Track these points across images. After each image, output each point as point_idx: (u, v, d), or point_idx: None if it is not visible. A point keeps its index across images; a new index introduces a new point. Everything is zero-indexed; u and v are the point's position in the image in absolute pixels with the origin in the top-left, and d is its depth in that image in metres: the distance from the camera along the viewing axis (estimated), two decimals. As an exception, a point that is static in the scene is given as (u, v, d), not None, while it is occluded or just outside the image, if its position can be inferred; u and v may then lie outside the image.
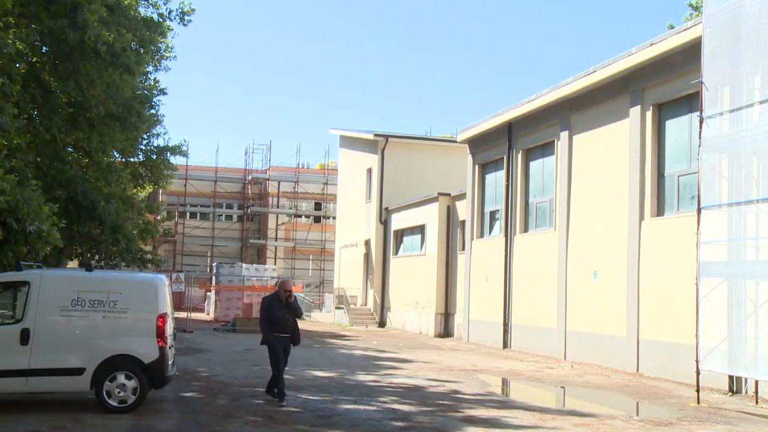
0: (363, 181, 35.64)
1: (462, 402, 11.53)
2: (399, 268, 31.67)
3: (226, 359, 17.05)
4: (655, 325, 15.83)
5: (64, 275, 10.62)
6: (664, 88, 16.23)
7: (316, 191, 52.51)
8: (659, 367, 15.51)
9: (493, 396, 12.48)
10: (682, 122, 15.86)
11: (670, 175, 16.15)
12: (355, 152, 37.61)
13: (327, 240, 50.51)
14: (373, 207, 33.92)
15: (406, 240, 31.75)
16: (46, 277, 10.09)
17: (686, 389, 13.51)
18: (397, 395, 11.98)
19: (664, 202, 16.29)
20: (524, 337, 21.25)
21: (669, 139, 16.29)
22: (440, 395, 12.14)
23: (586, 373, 16.26)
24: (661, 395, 13.02)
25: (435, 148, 34.16)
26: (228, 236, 51.55)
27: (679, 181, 15.82)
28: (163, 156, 26.32)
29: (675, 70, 15.71)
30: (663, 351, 15.42)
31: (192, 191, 50.01)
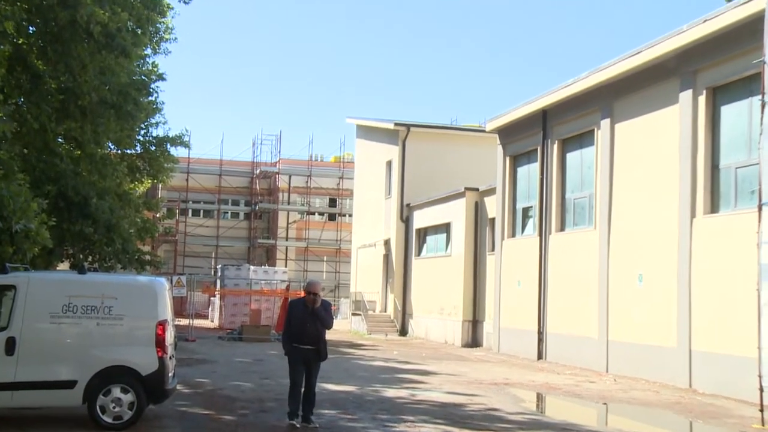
0: (382, 174, 35.53)
1: (493, 420, 11.38)
2: (422, 271, 31.53)
3: (232, 371, 17.02)
4: (710, 335, 15.55)
5: (54, 278, 10.59)
6: (719, 69, 15.92)
7: (331, 186, 52.52)
8: (715, 383, 15.23)
9: (526, 413, 12.30)
10: (740, 107, 15.55)
11: (725, 167, 15.86)
12: (373, 143, 37.51)
13: (343, 240, 50.53)
14: (393, 203, 33.80)
15: (430, 240, 31.62)
16: (34, 281, 10.06)
17: (748, 408, 13.27)
18: (421, 412, 11.83)
19: (719, 198, 16.00)
20: (561, 348, 21.04)
21: (725, 126, 15.99)
22: (468, 412, 11.99)
23: (631, 388, 16.07)
24: (718, 414, 12.76)
25: (461, 138, 33.99)
26: (234, 235, 51.72)
27: (737, 174, 15.54)
28: (162, 147, 26.36)
29: (732, 50, 15.41)
30: (719, 364, 15.14)
31: (195, 186, 50.24)
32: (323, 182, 52.20)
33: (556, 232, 21.89)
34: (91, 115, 16.44)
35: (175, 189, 47.53)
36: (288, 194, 52.08)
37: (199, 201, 51.85)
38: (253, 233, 51.66)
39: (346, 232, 49.40)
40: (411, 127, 33.64)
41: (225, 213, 53.38)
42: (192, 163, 49.74)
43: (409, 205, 33.00)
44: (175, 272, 43.26)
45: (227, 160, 51.89)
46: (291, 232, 52.12)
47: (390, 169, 34.78)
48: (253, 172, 52.22)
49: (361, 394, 13.67)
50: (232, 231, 51.71)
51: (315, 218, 53.24)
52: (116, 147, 23.17)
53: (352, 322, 35.21)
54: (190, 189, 50.11)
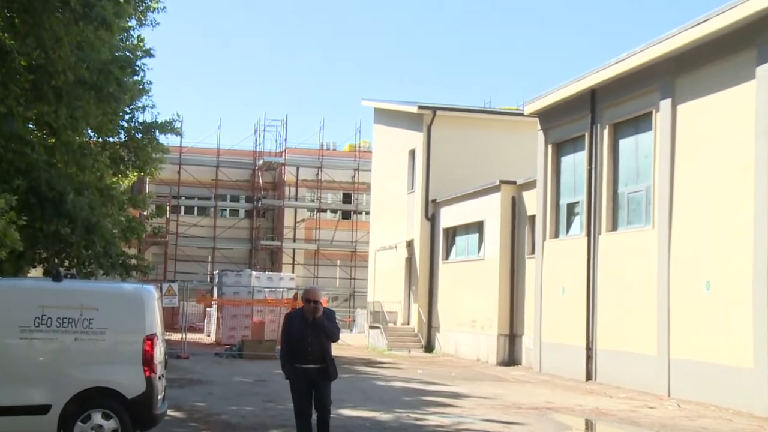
0: (404, 166, 35.48)
1: (535, 452, 11.23)
2: (450, 277, 31.45)
3: (230, 392, 17.03)
4: (791, 352, 15.32)
5: (25, 287, 10.61)
6: (802, 39, 15.68)
7: (345, 179, 52.61)
8: (797, 408, 15.01)
9: (575, 444, 12.15)
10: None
11: (810, 154, 15.65)
12: (394, 130, 37.48)
13: (359, 241, 50.57)
14: (417, 199, 33.74)
15: (460, 241, 31.53)
16: (1, 289, 10.08)
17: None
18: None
19: (804, 191, 15.79)
20: (613, 367, 20.89)
21: (809, 106, 15.76)
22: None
23: (698, 415, 15.89)
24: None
25: (496, 123, 33.86)
26: (233, 236, 51.96)
27: (823, 162, 15.31)
28: (150, 135, 26.44)
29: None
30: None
31: (188, 180, 50.54)
32: (336, 175, 52.28)
33: (607, 231, 21.73)
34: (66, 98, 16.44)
35: (165, 183, 47.79)
36: (295, 188, 52.20)
37: (193, 197, 52.12)
38: (255, 234, 51.87)
39: (362, 232, 49.43)
40: (437, 110, 33.55)
41: (223, 210, 53.59)
42: (185, 153, 50.00)
43: (436, 201, 32.90)
44: (165, 279, 43.44)
45: (225, 150, 52.18)
46: (299, 233, 52.25)
47: (413, 160, 34.71)
48: (255, 164, 52.42)
49: (379, 421, 13.61)
50: (231, 231, 51.95)
51: (327, 216, 53.33)
52: (96, 134, 23.25)
53: (370, 336, 35.19)
54: (183, 183, 50.42)
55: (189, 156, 50.50)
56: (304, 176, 52.20)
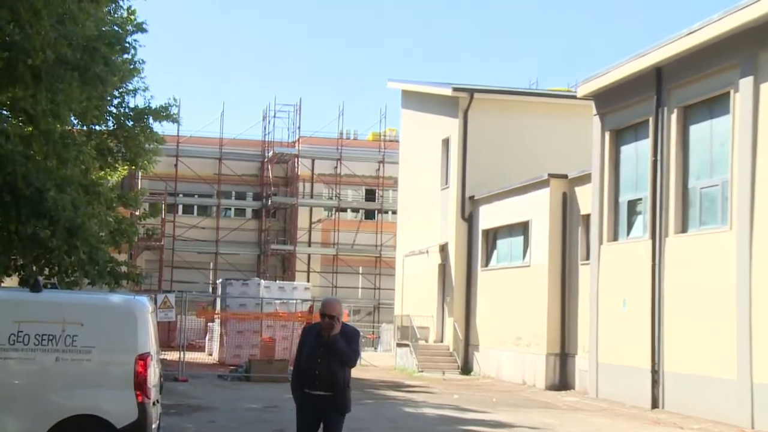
0: (437, 157, 35.42)
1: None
2: (491, 287, 31.35)
3: (235, 421, 17.04)
4: None
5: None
6: None
7: (368, 173, 52.68)
8: None
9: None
10: None
11: None
12: (425, 115, 37.43)
13: (384, 245, 50.60)
14: (451, 196, 33.66)
15: (502, 244, 31.43)
16: (-30, 302, 10.13)
17: None
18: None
19: None
20: (684, 392, 20.71)
21: None
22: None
23: (785, 449, 15.62)
24: None
25: (543, 107, 33.73)
26: (239, 240, 52.16)
27: None
28: (143, 122, 26.57)
29: None
30: None
31: (186, 174, 50.81)
32: (358, 168, 52.35)
33: (676, 233, 21.54)
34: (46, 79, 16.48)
35: (160, 178, 48.08)
36: (311, 184, 52.35)
37: (193, 194, 52.38)
38: (264, 237, 52.04)
39: (388, 234, 49.44)
40: (475, 92, 33.43)
41: (227, 210, 53.83)
42: (183, 144, 50.29)
43: (473, 198, 32.80)
44: (160, 289, 43.63)
45: (229, 139, 52.45)
46: (315, 235, 52.37)
47: (447, 150, 34.63)
48: (265, 155, 52.61)
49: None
50: (236, 234, 52.15)
51: (347, 216, 53.40)
52: (81, 122, 23.33)
53: (398, 355, 35.14)
54: (181, 178, 50.67)
55: (188, 147, 50.77)
56: (320, 170, 52.30)
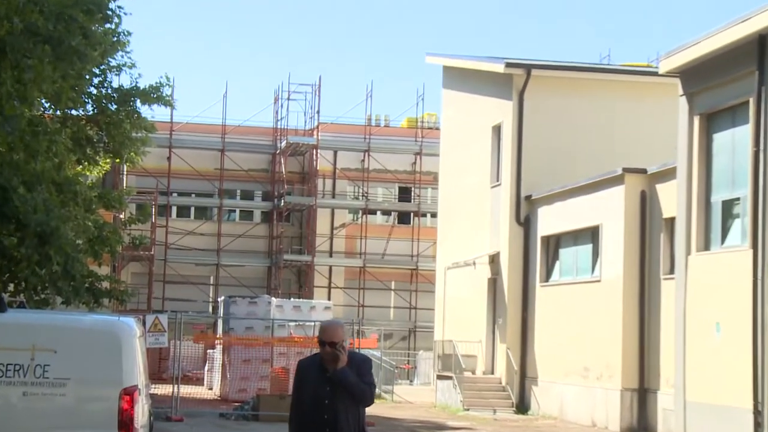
0: (486, 148, 35.28)
1: None
2: (552, 306, 31.18)
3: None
4: None
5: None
6: None
7: (402, 167, 52.65)
8: None
9: None
10: None
11: None
12: (471, 97, 37.30)
13: (422, 255, 50.51)
14: (504, 195, 33.50)
15: (565, 254, 31.27)
16: None
17: None
18: None
19: None
20: (792, 437, 20.40)
21: None
22: None
23: None
24: None
25: (617, 86, 33.52)
26: (245, 248, 52.24)
27: None
28: (129, 106, 26.60)
29: None
30: None
31: (182, 169, 50.89)
32: (390, 161, 52.24)
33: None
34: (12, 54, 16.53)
35: (150, 173, 48.22)
36: (332, 181, 52.34)
37: (189, 192, 52.52)
38: (276, 245, 52.09)
39: (426, 242, 49.31)
40: (532, 68, 33.22)
41: (231, 212, 53.96)
42: (178, 132, 50.43)
43: (531, 198, 32.63)
44: (150, 309, 43.73)
45: (234, 127, 52.64)
46: (338, 243, 52.33)
47: (499, 139, 34.46)
48: (276, 146, 52.68)
49: None
50: (242, 242, 52.20)
51: (376, 220, 53.38)
52: (54, 106, 23.41)
53: (439, 390, 35.02)
54: (175, 173, 50.77)
55: (184, 135, 50.90)
56: (344, 163, 52.28)
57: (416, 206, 52.28)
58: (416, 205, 52.31)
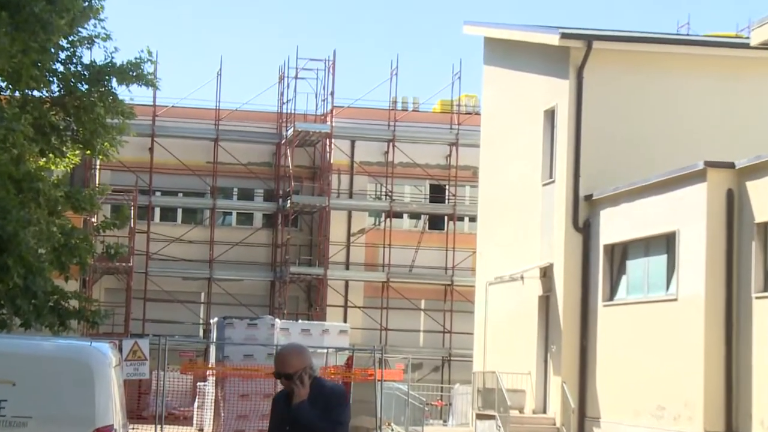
0: (536, 137, 35.22)
1: None
2: (618, 330, 31.09)
3: None
4: None
5: None
6: None
7: (435, 161, 52.71)
8: None
9: None
10: None
11: None
12: (518, 76, 37.27)
13: (458, 267, 50.54)
14: (558, 195, 33.44)
15: (634, 267, 31.17)
16: None
17: None
18: None
19: None
20: None
21: None
22: None
23: None
24: None
25: (697, 62, 33.40)
26: (244, 259, 52.41)
27: None
28: (103, 86, 26.63)
29: None
30: None
31: (167, 163, 51.09)
32: (419, 153, 52.23)
33: None
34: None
35: (128, 168, 48.41)
36: (350, 177, 52.40)
37: (176, 191, 52.60)
38: (281, 254, 52.15)
39: (464, 251, 49.37)
40: (594, 40, 33.10)
41: (226, 215, 54.13)
42: (162, 118, 50.62)
43: (592, 199, 32.54)
44: (128, 332, 43.85)
45: (231, 111, 52.81)
46: (356, 253, 52.37)
47: (552, 127, 34.39)
48: (282, 134, 52.80)
49: None
50: (239, 251, 52.36)
51: (403, 224, 53.38)
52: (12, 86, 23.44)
53: (478, 430, 35.00)
54: (158, 168, 50.93)
55: (169, 122, 51.06)
56: (364, 156, 52.34)
57: (451, 208, 52.27)
58: (451, 207, 52.29)
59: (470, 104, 51.98)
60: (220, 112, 51.98)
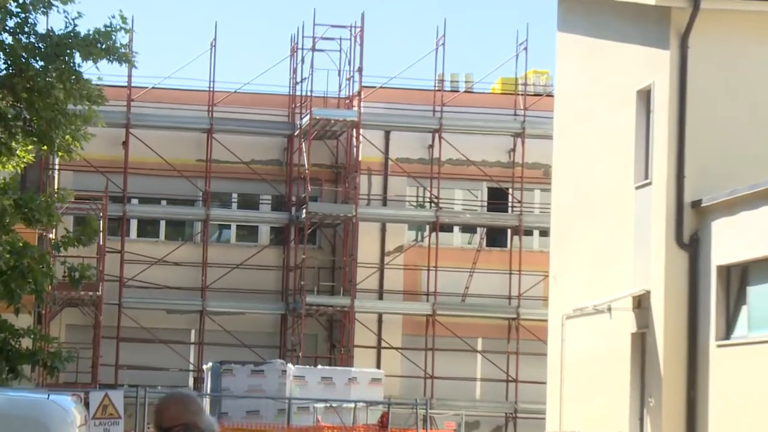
0: (627, 125, 35.17)
1: None
2: (737, 377, 31.01)
3: None
4: None
5: None
6: None
7: (494, 157, 52.70)
8: None
9: None
10: None
11: None
12: (603, 45, 37.22)
13: (525, 295, 50.51)
14: (656, 201, 33.40)
15: (757, 294, 31.07)
16: None
17: None
18: None
19: None
20: None
21: None
22: None
23: None
24: None
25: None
26: (247, 285, 52.42)
27: None
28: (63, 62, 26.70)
29: None
30: None
31: (146, 161, 51.17)
32: (473, 147, 52.20)
33: None
34: None
35: (96, 168, 48.48)
36: (383, 179, 52.36)
37: (158, 198, 52.73)
38: (294, 279, 52.23)
39: (532, 274, 49.37)
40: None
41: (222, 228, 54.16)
42: (139, 104, 50.71)
43: (701, 206, 32.46)
44: (96, 382, 43.95)
45: (227, 94, 53.01)
46: (393, 278, 52.30)
47: (648, 112, 34.32)
48: (294, 124, 52.95)
49: None
50: (240, 275, 52.41)
51: (453, 240, 53.42)
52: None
53: None
54: (135, 168, 50.99)
55: (149, 109, 51.16)
56: (401, 151, 52.33)
57: (516, 218, 52.25)
58: (516, 217, 52.28)
59: (540, 83, 51.92)
60: (215, 96, 52.19)
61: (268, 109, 53.21)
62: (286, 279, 52.66)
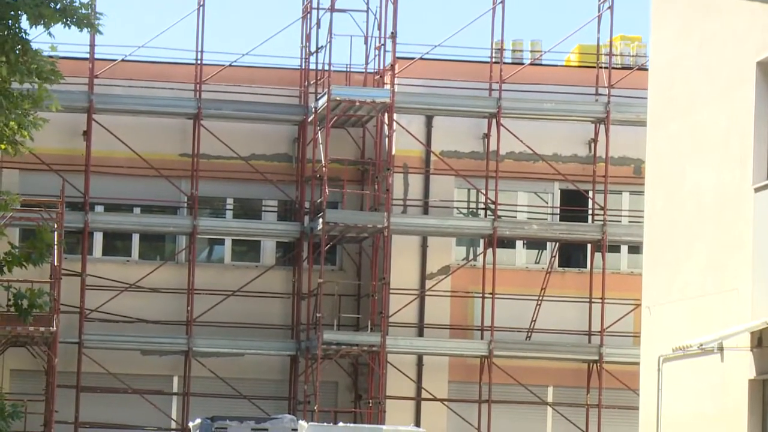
0: (742, 108, 35.16)
1: None
2: None
3: None
4: None
5: None
6: None
7: (569, 149, 52.73)
8: None
9: None
10: None
11: None
12: (710, 4, 37.21)
13: (610, 332, 50.52)
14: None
15: None
16: None
17: None
18: None
19: None
20: None
21: None
22: None
23: None
24: None
25: None
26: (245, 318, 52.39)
27: None
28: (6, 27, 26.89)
29: None
30: None
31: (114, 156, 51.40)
32: (542, 137, 52.18)
33: None
34: None
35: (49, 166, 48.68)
36: (424, 179, 52.39)
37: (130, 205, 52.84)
38: (307, 310, 52.27)
39: (620, 304, 49.34)
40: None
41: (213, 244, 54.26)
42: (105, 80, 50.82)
43: None
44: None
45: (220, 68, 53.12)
46: (436, 308, 52.30)
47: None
48: (307, 107, 52.91)
49: None
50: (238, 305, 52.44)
51: (515, 259, 53.46)
52: None
53: None
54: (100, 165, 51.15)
55: (118, 88, 51.29)
56: (446, 142, 52.38)
57: (598, 230, 52.21)
58: (597, 228, 52.24)
59: (629, 53, 51.97)
60: (204, 70, 52.25)
61: (273, 88, 53.17)
62: (298, 310, 52.76)
